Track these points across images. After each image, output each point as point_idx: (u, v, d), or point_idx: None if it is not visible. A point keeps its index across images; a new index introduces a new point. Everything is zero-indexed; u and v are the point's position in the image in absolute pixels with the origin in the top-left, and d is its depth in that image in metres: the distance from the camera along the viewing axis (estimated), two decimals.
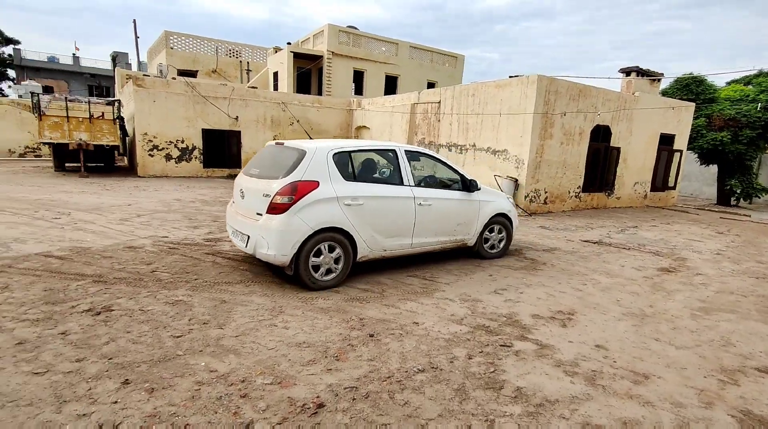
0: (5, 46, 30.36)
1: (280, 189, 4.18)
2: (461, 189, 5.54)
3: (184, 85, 13.98)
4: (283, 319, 3.67)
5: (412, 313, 3.92)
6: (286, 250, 4.15)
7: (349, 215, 4.43)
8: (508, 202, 6.13)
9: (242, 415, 2.39)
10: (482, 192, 5.74)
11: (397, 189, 4.85)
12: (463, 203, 5.49)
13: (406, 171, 4.98)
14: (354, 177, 4.61)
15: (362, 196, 4.52)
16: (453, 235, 5.47)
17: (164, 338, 3.23)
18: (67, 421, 2.28)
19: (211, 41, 25.83)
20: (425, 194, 5.06)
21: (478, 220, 5.67)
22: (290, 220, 4.13)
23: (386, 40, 22.94)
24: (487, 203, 5.76)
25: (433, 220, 5.15)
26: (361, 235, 4.55)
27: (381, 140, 15.14)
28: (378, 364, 3.00)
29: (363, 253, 4.64)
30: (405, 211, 4.87)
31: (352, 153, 4.70)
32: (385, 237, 4.76)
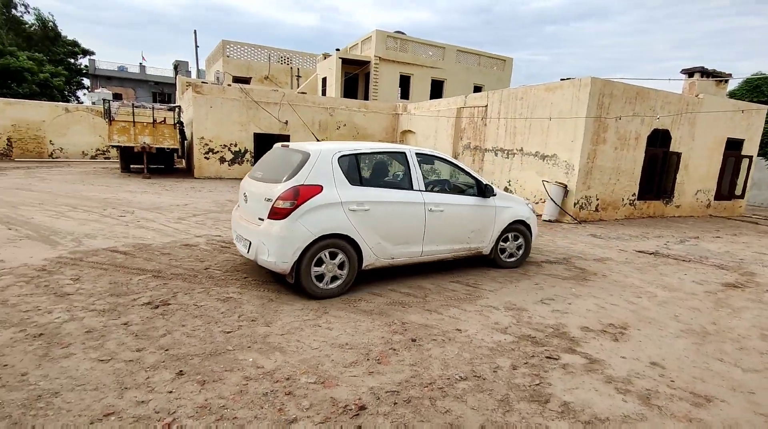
0: (83, 57, 33.04)
1: (282, 193, 4.02)
2: (476, 194, 5.24)
3: (239, 91, 14.63)
4: (326, 319, 3.74)
5: (454, 320, 3.88)
6: (286, 257, 3.98)
7: (354, 221, 4.24)
8: (527, 208, 5.81)
9: (286, 412, 2.46)
10: (498, 197, 5.43)
11: (406, 194, 4.64)
12: (478, 209, 5.21)
13: (416, 175, 4.75)
14: (360, 181, 4.42)
15: (368, 202, 4.33)
16: (467, 243, 5.20)
17: (215, 333, 3.39)
18: (127, 406, 2.44)
19: (264, 49, 26.87)
20: (436, 199, 4.82)
21: (494, 227, 5.37)
22: (291, 225, 3.97)
23: (433, 45, 22.90)
24: (504, 209, 5.45)
25: (445, 226, 4.91)
26: (367, 242, 4.34)
27: (426, 145, 15.10)
28: (420, 369, 2.99)
29: (369, 260, 4.43)
30: (414, 218, 4.65)
31: (359, 156, 4.50)
32: (392, 244, 4.55)
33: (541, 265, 5.98)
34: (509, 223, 5.51)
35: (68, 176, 13.64)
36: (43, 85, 25.75)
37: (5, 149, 18.38)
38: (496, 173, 12.05)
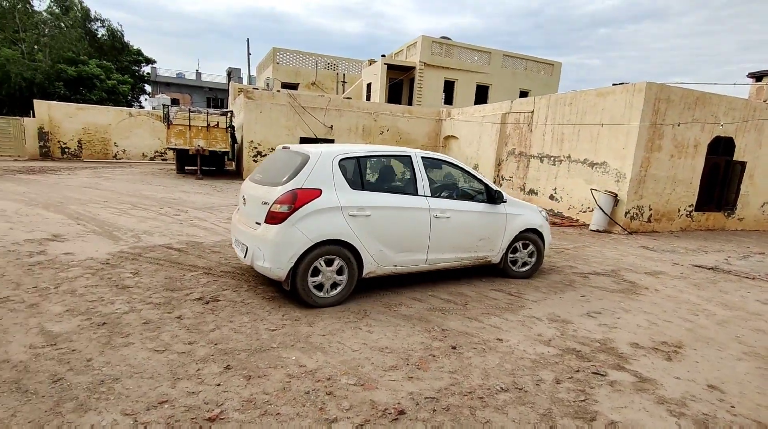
0: (145, 65, 35.30)
1: (279, 197, 3.88)
2: (485, 200, 5.04)
3: (287, 97, 15.11)
4: (367, 322, 3.79)
5: (495, 329, 3.82)
6: (282, 264, 3.84)
7: (355, 227, 4.07)
8: (539, 215, 5.56)
9: (327, 411, 2.51)
10: (509, 204, 5.20)
11: (411, 199, 4.46)
12: (487, 216, 5.00)
13: (421, 179, 4.58)
14: (362, 185, 4.26)
15: (370, 207, 4.17)
16: (475, 252, 4.99)
17: (261, 330, 3.52)
18: (179, 396, 2.58)
19: (311, 56, 27.61)
20: (442, 205, 4.64)
21: (504, 235, 5.15)
22: (288, 230, 3.82)
23: (478, 49, 22.66)
24: (515, 217, 5.22)
25: (452, 234, 4.72)
26: (368, 249, 4.18)
27: (470, 150, 14.95)
28: (459, 377, 2.97)
29: (370, 268, 4.25)
30: (418, 224, 4.47)
31: (360, 159, 4.35)
32: (395, 252, 4.37)
33: (588, 276, 5.76)
34: (520, 231, 5.27)
35: (129, 176, 14.58)
36: (111, 92, 27.71)
37: (76, 150, 19.91)
38: (542, 180, 11.74)
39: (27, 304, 3.76)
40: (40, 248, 5.49)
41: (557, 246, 7.53)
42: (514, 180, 12.87)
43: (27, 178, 12.50)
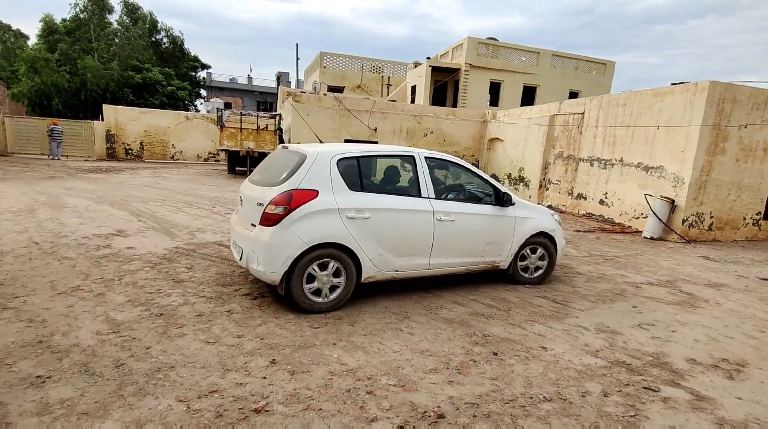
0: (201, 70, 37.16)
1: (274, 198, 3.78)
2: (493, 203, 4.84)
3: (333, 100, 15.42)
4: (408, 324, 3.81)
5: (539, 337, 3.72)
6: (275, 267, 3.72)
7: (352, 230, 3.93)
8: (551, 219, 5.31)
9: (367, 410, 2.56)
10: (519, 207, 4.99)
11: (413, 201, 4.30)
12: (495, 219, 4.80)
13: (425, 181, 4.40)
14: (361, 186, 4.11)
15: (369, 209, 4.01)
16: (481, 256, 4.79)
17: (304, 327, 3.62)
18: (228, 386, 2.72)
19: (357, 59, 28.01)
20: (447, 208, 4.46)
21: (512, 239, 4.93)
22: (282, 233, 3.71)
23: (526, 50, 22.12)
24: (524, 220, 5.00)
25: (457, 238, 4.53)
26: (367, 253, 4.03)
27: (515, 153, 14.62)
28: (501, 384, 2.92)
29: (369, 273, 4.12)
30: (421, 227, 4.31)
31: (360, 159, 4.21)
32: (395, 256, 4.21)
33: (640, 286, 5.48)
34: (530, 235, 5.04)
35: (185, 176, 15.40)
36: (170, 96, 29.42)
37: (138, 151, 21.29)
38: (591, 184, 11.28)
39: (95, 294, 4.08)
40: (106, 242, 5.93)
41: (606, 253, 7.21)
42: (562, 184, 12.45)
43: (95, 177, 13.52)
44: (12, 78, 26.21)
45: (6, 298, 3.85)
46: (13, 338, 3.15)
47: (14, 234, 6.10)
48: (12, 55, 27.28)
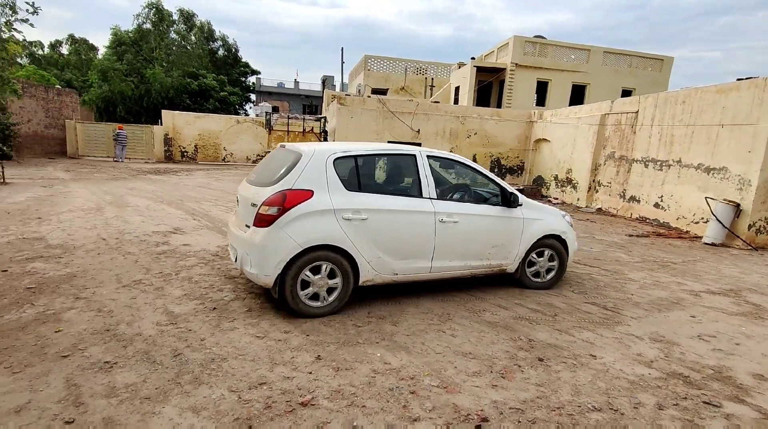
0: (251, 76, 38.65)
1: (267, 198, 3.66)
2: (500, 203, 4.63)
3: (377, 102, 15.58)
4: (450, 326, 3.80)
5: (588, 344, 3.60)
6: (268, 270, 3.61)
7: (349, 231, 3.80)
8: (562, 220, 5.06)
9: (410, 410, 2.58)
10: (527, 207, 4.77)
11: (413, 202, 4.13)
12: (501, 221, 4.59)
13: (426, 181, 4.23)
14: (359, 186, 3.97)
15: (366, 210, 3.87)
16: (487, 259, 4.58)
17: (348, 325, 3.70)
18: (276, 379, 2.83)
19: (401, 61, 28.12)
20: (449, 209, 4.28)
21: (520, 242, 4.72)
22: (276, 234, 3.59)
23: (576, 47, 21.37)
24: (533, 222, 4.77)
25: (460, 240, 4.35)
26: (364, 256, 3.89)
27: (563, 154, 14.14)
28: (547, 390, 2.86)
29: (367, 276, 3.97)
30: (422, 229, 4.14)
31: (358, 158, 4.05)
32: (395, 259, 4.06)
33: (699, 295, 5.15)
34: (539, 237, 4.82)
35: (235, 177, 16.07)
36: (223, 101, 30.84)
37: (193, 154, 22.44)
38: (645, 186, 10.71)
39: (155, 287, 4.36)
40: (165, 239, 6.31)
41: (662, 259, 6.84)
42: (613, 186, 11.91)
43: (154, 178, 14.39)
44: (83, 86, 28.42)
45: (78, 289, 4.20)
46: (84, 326, 3.43)
47: (85, 230, 6.62)
48: (84, 65, 29.56)
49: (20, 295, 3.99)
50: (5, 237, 5.99)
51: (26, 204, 8.58)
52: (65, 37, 36.00)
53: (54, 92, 20.99)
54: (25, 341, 3.14)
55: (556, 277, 5.07)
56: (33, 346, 3.07)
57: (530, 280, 4.96)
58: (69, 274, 4.60)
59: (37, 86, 19.98)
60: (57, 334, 3.28)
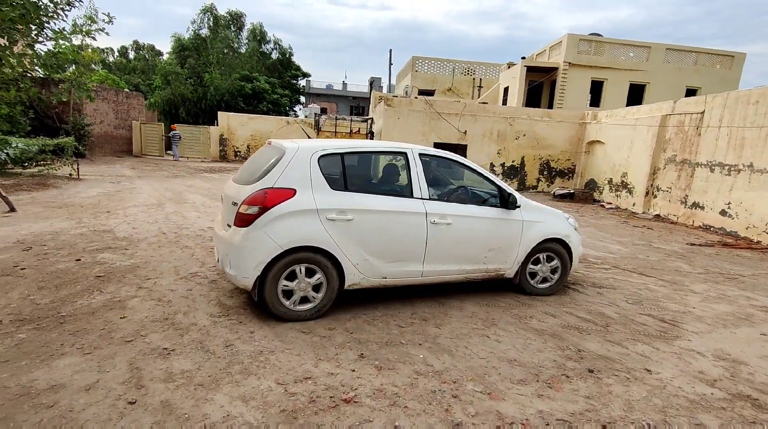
0: (302, 79, 39.73)
1: (247, 197, 3.53)
2: (498, 205, 4.42)
3: (423, 103, 15.54)
4: (495, 331, 3.73)
5: (643, 358, 3.41)
6: (247, 271, 3.49)
7: (333, 233, 3.64)
8: (566, 223, 4.82)
9: (453, 413, 2.56)
10: (526, 209, 4.53)
11: (403, 202, 3.95)
12: (498, 223, 4.38)
13: (418, 180, 4.03)
14: (345, 185, 3.80)
15: (351, 210, 3.70)
16: (483, 264, 4.37)
17: (391, 325, 3.72)
18: (320, 375, 2.89)
19: (448, 62, 27.89)
20: (442, 210, 4.08)
21: (519, 245, 4.48)
22: (254, 235, 3.47)
23: (635, 44, 20.30)
24: (533, 224, 4.54)
25: (454, 243, 4.15)
26: (350, 258, 3.73)
27: (618, 157, 13.47)
28: (597, 404, 2.74)
29: (353, 279, 3.81)
30: (412, 231, 3.95)
31: (345, 156, 3.88)
32: (384, 261, 3.89)
33: None
34: (540, 241, 4.58)
35: None
36: (274, 103, 31.93)
37: (246, 153, 23.37)
38: (710, 192, 9.98)
39: (209, 280, 4.58)
40: None
41: (729, 271, 6.35)
42: (673, 191, 11.19)
43: (210, 177, 15.13)
44: (148, 90, 30.38)
45: (141, 279, 4.50)
46: (146, 314, 3.67)
47: (147, 224, 7.07)
48: (150, 70, 31.57)
49: (91, 282, 4.33)
50: (79, 229, 6.52)
51: (97, 199, 9.29)
52: (131, 44, 38.68)
53: (123, 95, 22.56)
54: (94, 325, 3.41)
55: (558, 282, 4.83)
56: (101, 330, 3.33)
57: (531, 285, 4.71)
58: (133, 265, 4.94)
59: (109, 90, 21.56)
60: (122, 320, 3.53)
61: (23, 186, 10.14)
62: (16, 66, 4.73)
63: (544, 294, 4.75)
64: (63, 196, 9.40)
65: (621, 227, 9.75)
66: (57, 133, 16.10)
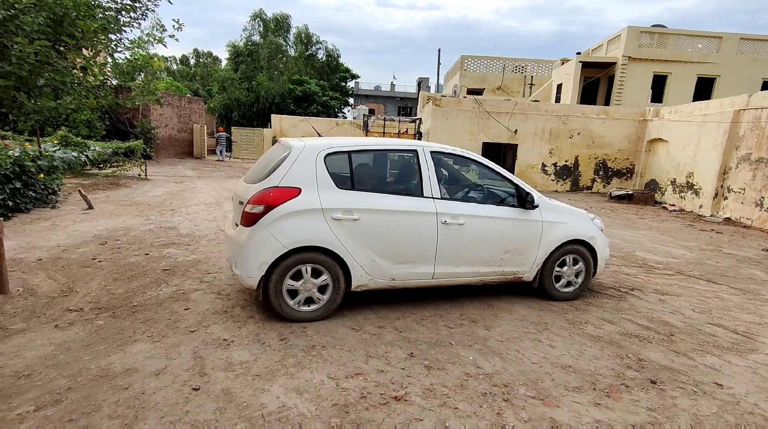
0: (351, 80, 40.40)
1: (252, 196, 3.52)
2: (516, 205, 4.19)
3: (472, 103, 15.33)
4: (548, 336, 3.62)
5: (713, 371, 3.19)
6: (251, 271, 3.47)
7: (339, 233, 3.56)
8: (590, 224, 4.56)
9: (504, 417, 2.52)
10: (547, 209, 4.29)
11: (412, 202, 3.82)
12: (515, 224, 4.16)
13: (429, 178, 3.89)
14: (352, 184, 3.72)
15: (358, 209, 3.62)
16: (499, 266, 4.17)
17: (440, 326, 3.71)
18: (370, 371, 2.94)
19: (498, 60, 27.29)
20: (454, 210, 3.92)
21: (539, 247, 4.25)
22: (259, 234, 3.44)
23: (703, 35, 18.91)
24: (554, 225, 4.30)
25: (467, 244, 3.98)
26: (356, 259, 3.65)
27: (683, 155, 12.60)
28: (660, 417, 2.59)
29: (360, 280, 3.73)
30: (422, 231, 3.82)
31: (352, 154, 3.79)
32: (392, 263, 3.79)
33: None
34: (562, 243, 4.34)
35: None
36: (324, 105, 32.73)
37: None
38: None
39: None
40: None
41: None
42: (747, 192, 10.32)
43: None
44: (206, 95, 32.07)
45: (202, 274, 4.77)
46: (207, 306, 3.90)
47: (207, 222, 7.48)
48: (209, 76, 33.29)
49: (158, 275, 4.65)
50: (147, 225, 7.01)
51: (162, 197, 9.94)
52: (191, 51, 40.96)
53: (185, 100, 23.96)
54: (162, 315, 3.66)
55: (581, 287, 4.58)
56: (168, 320, 3.57)
57: (555, 289, 4.47)
58: (195, 260, 5.25)
59: (172, 95, 22.99)
60: (186, 311, 3.76)
61: (99, 185, 11.04)
62: (99, 74, 5.18)
63: (566, 299, 4.52)
64: (133, 194, 10.14)
65: (685, 231, 9.13)
66: (127, 136, 17.40)
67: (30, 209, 7.42)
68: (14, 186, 7.14)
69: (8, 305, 3.72)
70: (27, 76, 3.03)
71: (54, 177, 8.46)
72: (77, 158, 10.94)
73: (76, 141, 11.93)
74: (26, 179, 7.47)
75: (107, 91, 5.68)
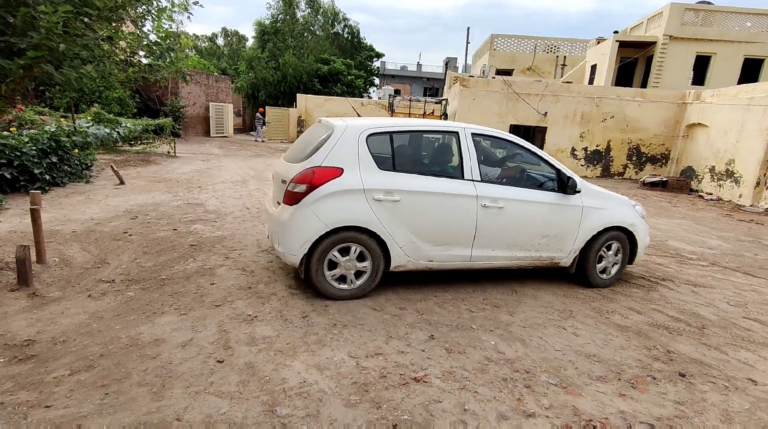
0: (376, 60, 39.88)
1: (296, 176, 3.54)
2: (555, 189, 4.11)
3: (501, 83, 14.90)
4: (572, 324, 3.55)
5: (746, 366, 3.06)
6: (294, 249, 3.52)
7: (380, 213, 3.58)
8: (631, 211, 4.44)
9: (525, 403, 2.49)
10: (588, 195, 4.22)
11: (453, 184, 3.78)
12: (555, 209, 4.09)
13: (469, 161, 3.84)
14: (393, 166, 3.71)
15: (399, 191, 3.61)
16: (536, 251, 4.12)
17: (462, 309, 3.68)
18: (391, 351, 2.95)
19: (530, 39, 26.35)
20: (495, 193, 3.87)
21: (577, 233, 4.18)
22: (302, 213, 3.47)
23: (754, 12, 17.68)
24: (594, 211, 4.21)
25: (505, 228, 3.94)
26: (396, 240, 3.66)
27: (725, 142, 11.98)
28: (688, 411, 2.51)
29: (398, 261, 3.76)
30: (461, 214, 3.79)
31: (394, 135, 3.79)
32: (430, 244, 3.78)
33: None
34: (601, 229, 4.25)
35: None
36: (349, 85, 32.43)
37: None
38: None
39: None
40: None
41: None
42: None
43: None
44: (234, 74, 32.26)
45: (228, 250, 4.86)
46: (232, 282, 3.97)
47: (233, 200, 7.61)
48: (236, 55, 33.41)
49: (186, 250, 4.77)
50: (176, 201, 7.17)
51: (190, 175, 10.14)
52: (219, 30, 41.14)
53: (213, 79, 24.17)
54: (188, 289, 3.76)
55: (617, 273, 4.52)
56: (194, 294, 3.66)
57: (594, 276, 4.39)
58: (221, 237, 5.35)
59: (200, 74, 23.21)
60: (212, 286, 3.85)
61: (130, 162, 11.34)
62: (126, 47, 5.23)
63: (603, 285, 4.45)
64: (162, 171, 10.38)
65: (723, 220, 8.74)
66: (157, 114, 17.74)
67: (66, 183, 7.70)
68: (51, 160, 7.40)
69: (45, 274, 3.89)
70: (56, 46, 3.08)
71: (88, 152, 8.72)
72: (109, 135, 11.24)
73: (108, 118, 12.23)
74: (62, 154, 7.73)
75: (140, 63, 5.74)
